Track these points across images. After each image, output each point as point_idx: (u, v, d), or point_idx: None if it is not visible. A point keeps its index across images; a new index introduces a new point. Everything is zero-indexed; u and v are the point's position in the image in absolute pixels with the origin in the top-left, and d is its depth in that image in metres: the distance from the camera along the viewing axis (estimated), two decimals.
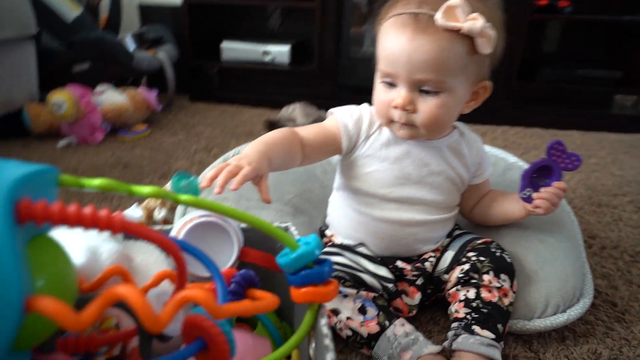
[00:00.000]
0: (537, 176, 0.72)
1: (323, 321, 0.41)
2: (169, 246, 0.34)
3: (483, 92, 0.70)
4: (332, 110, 0.75)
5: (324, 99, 1.62)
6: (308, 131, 0.71)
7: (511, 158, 1.03)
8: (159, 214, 0.87)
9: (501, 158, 1.03)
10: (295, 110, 1.54)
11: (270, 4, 1.97)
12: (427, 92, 0.65)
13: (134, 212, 0.57)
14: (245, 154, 0.59)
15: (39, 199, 0.30)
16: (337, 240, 0.79)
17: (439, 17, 0.61)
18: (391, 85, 0.67)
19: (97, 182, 0.35)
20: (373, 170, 0.72)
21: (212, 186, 0.53)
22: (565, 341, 0.70)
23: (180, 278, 0.39)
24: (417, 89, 0.65)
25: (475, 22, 0.61)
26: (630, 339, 0.70)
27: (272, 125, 1.45)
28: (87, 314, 0.27)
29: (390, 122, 0.69)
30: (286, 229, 0.57)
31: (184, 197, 0.40)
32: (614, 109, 1.74)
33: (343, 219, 0.78)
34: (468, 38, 0.62)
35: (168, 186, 0.89)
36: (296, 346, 0.41)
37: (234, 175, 0.54)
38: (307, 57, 1.97)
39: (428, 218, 0.73)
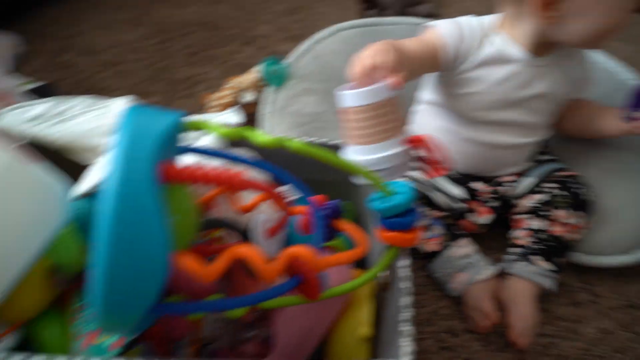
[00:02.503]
0: None
1: (402, 263, 0.45)
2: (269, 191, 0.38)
3: None
4: (433, 23, 0.67)
5: None
6: (410, 46, 0.62)
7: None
8: (245, 97, 0.90)
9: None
10: None
11: None
12: None
13: (232, 118, 0.60)
14: (385, 60, 0.54)
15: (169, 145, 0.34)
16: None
17: None
18: None
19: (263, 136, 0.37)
20: (473, 91, 0.68)
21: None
22: (619, 277, 0.72)
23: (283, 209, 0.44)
24: None
25: None
26: None
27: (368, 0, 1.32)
28: (215, 268, 0.33)
29: None
30: None
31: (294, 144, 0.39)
32: None
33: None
34: None
35: (258, 69, 0.90)
36: (369, 281, 0.46)
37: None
38: None
39: (521, 141, 0.72)
